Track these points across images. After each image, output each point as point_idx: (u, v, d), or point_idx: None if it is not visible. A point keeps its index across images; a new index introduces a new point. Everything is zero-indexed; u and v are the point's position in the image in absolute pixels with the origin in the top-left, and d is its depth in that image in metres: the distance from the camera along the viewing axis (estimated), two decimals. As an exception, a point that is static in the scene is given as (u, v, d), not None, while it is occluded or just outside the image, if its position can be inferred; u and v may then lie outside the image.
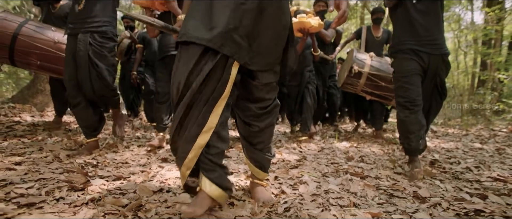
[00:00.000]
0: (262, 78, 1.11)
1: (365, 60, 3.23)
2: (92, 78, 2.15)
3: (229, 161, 2.10)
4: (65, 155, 2.05)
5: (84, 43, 2.13)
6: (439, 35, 2.02)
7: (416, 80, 1.98)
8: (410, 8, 2.04)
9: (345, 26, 18.33)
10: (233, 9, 0.98)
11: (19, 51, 2.47)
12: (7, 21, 2.46)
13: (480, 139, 3.81)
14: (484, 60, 8.80)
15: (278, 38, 1.11)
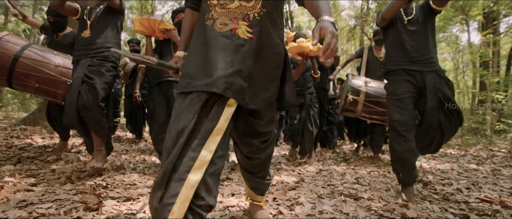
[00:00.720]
0: (263, 115, 1.15)
1: (361, 87, 3.19)
2: (82, 91, 2.12)
3: (231, 183, 2.22)
4: (76, 176, 2.18)
5: (82, 67, 2.20)
6: (431, 54, 2.04)
7: (408, 103, 1.99)
8: (401, 28, 2.10)
9: (345, 47, 18.76)
10: (233, 51, 1.00)
11: (18, 73, 2.47)
12: (10, 44, 2.50)
13: (478, 160, 3.89)
14: (482, 80, 8.95)
15: (272, 77, 1.13)
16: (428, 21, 2.10)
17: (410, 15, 2.13)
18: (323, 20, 0.98)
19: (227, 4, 1.06)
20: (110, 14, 2.40)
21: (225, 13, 1.06)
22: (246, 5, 1.06)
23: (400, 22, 2.13)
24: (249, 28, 1.05)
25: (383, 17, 2.13)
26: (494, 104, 7.38)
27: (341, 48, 18.78)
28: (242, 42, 1.02)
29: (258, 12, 1.06)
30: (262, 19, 1.07)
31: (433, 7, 2.05)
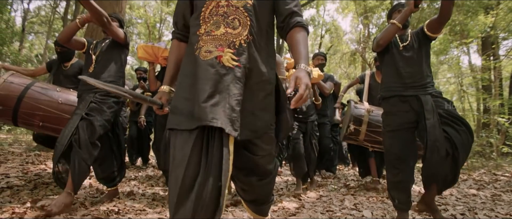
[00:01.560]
0: (258, 149, 1.10)
1: (363, 116, 3.04)
2: (80, 126, 2.10)
3: (235, 210, 2.34)
4: (89, 202, 2.33)
5: (85, 102, 2.20)
6: (426, 80, 2.03)
7: (403, 136, 1.98)
8: (396, 54, 2.11)
9: (348, 71, 19.05)
10: (217, 81, 0.99)
11: (22, 113, 2.48)
12: (14, 85, 2.52)
13: (479, 185, 3.91)
14: (485, 103, 9.02)
15: (262, 106, 1.09)
16: (423, 47, 2.11)
17: (406, 41, 2.15)
18: (299, 69, 1.01)
19: (213, 31, 1.07)
20: (115, 48, 2.44)
21: (211, 40, 1.06)
22: (232, 32, 1.06)
23: (396, 48, 2.14)
24: (235, 56, 1.04)
25: (378, 43, 2.15)
26: (499, 126, 7.40)
27: (344, 71, 19.09)
28: (226, 71, 1.02)
29: (244, 39, 1.07)
30: (249, 46, 1.07)
31: (428, 34, 2.08)
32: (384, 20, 13.05)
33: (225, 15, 1.08)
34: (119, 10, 4.06)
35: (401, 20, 2.04)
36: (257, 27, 1.11)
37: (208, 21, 1.09)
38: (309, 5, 17.43)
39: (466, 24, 8.56)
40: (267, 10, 1.17)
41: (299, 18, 1.15)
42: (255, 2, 1.12)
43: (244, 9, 1.09)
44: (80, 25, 2.27)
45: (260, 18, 1.13)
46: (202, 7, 1.13)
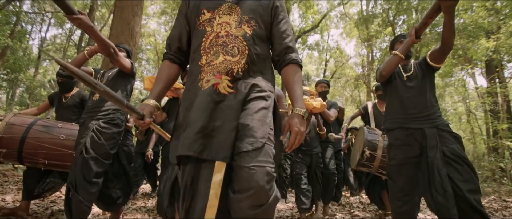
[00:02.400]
0: (251, 161, 0.96)
1: (377, 141, 2.91)
2: (77, 165, 2.08)
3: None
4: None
5: (87, 131, 2.17)
6: (431, 110, 1.98)
7: (407, 170, 1.95)
8: (400, 85, 2.08)
9: (355, 94, 19.12)
10: (212, 110, 1.03)
11: (27, 153, 2.49)
12: (16, 126, 2.53)
13: (488, 212, 3.84)
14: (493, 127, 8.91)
15: (258, 117, 1.04)
16: (427, 77, 2.08)
17: (409, 71, 2.13)
18: (293, 114, 1.08)
19: (213, 61, 1.10)
20: (121, 78, 2.44)
21: (210, 70, 1.09)
22: (231, 60, 1.09)
23: (399, 79, 2.12)
24: (231, 83, 1.07)
25: (381, 74, 2.13)
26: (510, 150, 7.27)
27: (349, 95, 19.18)
28: (222, 98, 1.05)
29: (242, 67, 1.10)
30: (245, 74, 1.10)
31: (431, 64, 2.05)
32: (387, 45, 13.32)
33: (224, 45, 1.11)
34: (133, 44, 4.32)
35: (403, 51, 2.03)
36: (255, 55, 1.14)
37: (209, 52, 1.12)
38: (313, 31, 17.90)
39: (468, 48, 8.67)
40: (264, 39, 1.22)
41: (294, 55, 1.22)
42: (253, 32, 1.16)
43: (243, 38, 1.13)
44: (88, 56, 2.30)
45: (259, 47, 1.17)
46: (202, 37, 1.16)
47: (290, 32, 1.25)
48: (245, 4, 1.19)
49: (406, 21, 12.64)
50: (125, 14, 4.35)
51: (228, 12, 1.17)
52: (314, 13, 17.35)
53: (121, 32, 4.23)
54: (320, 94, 3.63)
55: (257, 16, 1.19)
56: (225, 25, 1.14)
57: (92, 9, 13.20)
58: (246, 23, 1.16)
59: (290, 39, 1.23)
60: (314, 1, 17.06)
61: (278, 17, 1.25)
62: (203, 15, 1.19)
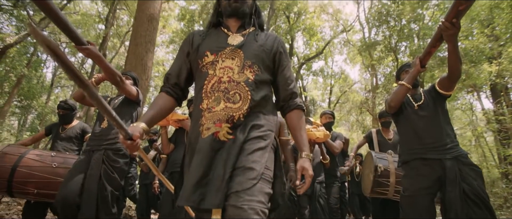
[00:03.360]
0: (243, 201, 0.96)
1: (387, 157, 2.85)
2: (83, 200, 2.12)
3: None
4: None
5: (97, 162, 2.20)
6: (447, 139, 1.90)
7: (420, 202, 1.86)
8: (411, 114, 2.03)
9: (361, 118, 19.09)
10: (211, 158, 1.05)
11: (17, 182, 2.44)
12: (8, 155, 2.52)
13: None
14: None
15: (255, 158, 1.05)
16: (438, 105, 2.03)
17: (419, 100, 2.08)
18: (303, 160, 1.15)
19: (214, 107, 1.10)
20: (127, 105, 2.46)
21: (211, 116, 1.09)
22: (232, 107, 1.09)
23: (410, 108, 2.07)
24: (230, 130, 1.07)
25: (390, 105, 2.09)
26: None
27: (355, 119, 19.16)
28: (221, 145, 1.06)
29: (244, 113, 1.10)
30: (246, 118, 1.11)
31: (441, 92, 2.02)
32: (391, 70, 13.49)
33: (226, 91, 1.11)
34: (146, 78, 4.63)
35: (409, 81, 1.98)
36: (257, 99, 1.14)
37: (210, 97, 1.12)
38: (317, 58, 18.30)
39: (471, 74, 8.76)
40: (267, 84, 1.23)
41: (298, 100, 1.27)
42: (256, 77, 1.17)
43: (245, 84, 1.13)
44: (95, 83, 2.34)
45: (261, 91, 1.18)
46: (204, 80, 1.17)
47: (293, 78, 1.30)
48: (248, 49, 1.21)
49: (409, 46, 12.91)
50: (139, 50, 4.67)
51: (231, 56, 1.18)
52: (318, 40, 17.85)
53: (134, 67, 4.53)
54: (325, 125, 3.54)
55: (260, 61, 1.20)
56: (228, 70, 1.15)
57: (105, 40, 13.82)
58: (248, 68, 1.17)
59: (293, 85, 1.28)
60: (317, 29, 17.62)
61: (282, 64, 1.28)
62: (206, 57, 1.20)
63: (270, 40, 1.29)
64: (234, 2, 1.28)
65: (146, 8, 4.92)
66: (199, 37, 1.29)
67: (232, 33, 1.28)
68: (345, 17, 19.66)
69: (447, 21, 1.46)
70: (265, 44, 1.26)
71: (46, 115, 15.78)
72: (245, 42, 1.23)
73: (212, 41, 1.25)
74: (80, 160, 2.29)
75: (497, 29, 8.07)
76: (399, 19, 12.20)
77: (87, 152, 2.31)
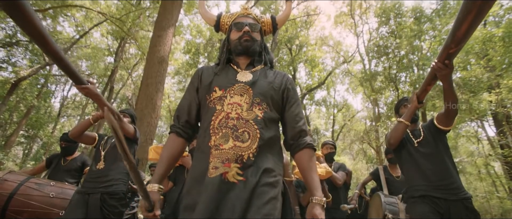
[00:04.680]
0: None
1: (397, 204, 2.65)
2: None
3: None
4: None
5: (95, 208, 2.18)
6: (452, 178, 1.88)
7: None
8: (413, 152, 1.99)
9: (365, 146, 19.00)
10: (219, 201, 0.99)
11: (11, 210, 2.40)
12: (8, 182, 2.48)
13: None
14: (510, 180, 8.63)
15: (265, 211, 1.00)
16: (439, 141, 2.00)
17: (419, 137, 2.06)
18: (314, 204, 1.07)
19: (221, 145, 1.05)
20: None
21: (218, 155, 1.04)
22: (241, 146, 1.05)
23: (410, 145, 2.04)
24: (241, 170, 1.02)
25: (389, 142, 2.07)
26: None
27: (359, 148, 19.07)
28: (230, 186, 1.00)
29: (253, 152, 1.05)
30: (256, 159, 1.05)
31: (439, 127, 2.00)
32: (393, 99, 13.69)
33: (235, 128, 1.08)
34: (155, 116, 4.90)
35: (407, 117, 1.98)
36: (267, 138, 1.11)
37: (218, 133, 1.09)
38: (320, 88, 18.66)
39: (470, 103, 8.89)
40: (275, 121, 1.20)
41: (308, 139, 1.20)
42: (265, 115, 1.14)
43: (254, 122, 1.10)
44: (92, 121, 2.34)
45: (270, 129, 1.14)
46: (212, 115, 1.13)
47: (302, 115, 1.25)
48: (257, 86, 1.19)
49: (409, 76, 13.20)
50: (150, 90, 5.00)
51: (240, 92, 1.16)
52: (319, 71, 18.32)
53: (145, 106, 4.82)
54: (326, 156, 3.44)
55: (269, 99, 1.18)
56: (236, 107, 1.12)
57: (113, 73, 14.34)
58: (257, 106, 1.14)
59: (302, 122, 1.22)
60: (319, 60, 18.16)
61: (291, 100, 1.25)
62: (214, 92, 1.18)
63: (278, 78, 1.28)
64: (245, 42, 1.28)
65: (157, 51, 5.32)
66: (208, 73, 1.28)
67: (241, 70, 1.27)
68: (346, 49, 20.28)
69: (439, 62, 1.45)
70: (274, 81, 1.25)
71: (51, 144, 15.93)
72: (255, 79, 1.21)
73: (221, 77, 1.24)
74: (76, 201, 2.25)
75: (492, 61, 8.32)
76: (398, 51, 12.62)
77: (82, 194, 2.26)
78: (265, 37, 1.45)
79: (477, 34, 8.08)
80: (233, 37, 1.32)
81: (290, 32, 16.60)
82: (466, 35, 1.12)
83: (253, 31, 1.31)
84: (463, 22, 1.05)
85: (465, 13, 1.02)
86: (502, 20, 8.75)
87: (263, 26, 1.41)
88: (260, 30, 1.37)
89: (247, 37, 1.28)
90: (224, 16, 1.41)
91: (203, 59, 17.53)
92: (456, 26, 1.10)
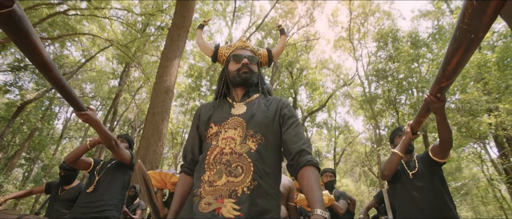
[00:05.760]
0: None
1: None
2: None
3: None
4: None
5: None
6: (449, 211, 1.84)
7: None
8: (408, 184, 1.95)
9: (366, 168, 18.84)
10: None
11: None
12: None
13: None
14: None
15: None
16: (434, 173, 1.96)
17: (414, 168, 2.02)
18: (316, 216, 0.99)
19: (215, 181, 1.04)
20: (120, 170, 2.43)
21: (212, 191, 1.03)
22: (234, 181, 1.03)
23: (405, 177, 2.00)
24: (237, 205, 0.99)
25: (383, 174, 2.03)
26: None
27: (362, 170, 18.90)
28: None
29: (247, 186, 1.02)
30: (252, 193, 1.02)
31: (435, 159, 1.96)
32: (393, 122, 13.76)
33: (228, 164, 1.06)
34: (161, 144, 5.09)
35: (402, 149, 1.95)
36: (262, 170, 1.08)
37: (212, 169, 1.08)
38: (321, 110, 18.83)
39: (471, 126, 8.96)
40: (273, 151, 1.16)
41: (309, 157, 1.11)
42: (259, 147, 1.11)
43: (247, 155, 1.08)
44: (89, 147, 2.33)
45: (266, 161, 1.11)
46: (208, 150, 1.14)
47: (303, 136, 1.19)
48: (251, 118, 1.18)
49: (408, 99, 13.36)
50: (156, 119, 5.17)
51: (233, 126, 1.16)
52: (320, 93, 18.57)
53: (151, 135, 4.97)
54: (326, 184, 3.40)
55: (263, 129, 1.16)
56: (230, 141, 1.12)
57: (117, 96, 14.60)
58: (251, 138, 1.12)
59: (303, 142, 1.15)
60: (319, 83, 18.46)
61: (287, 123, 1.21)
62: (210, 128, 1.20)
63: (273, 105, 1.27)
64: (244, 73, 1.29)
65: (164, 81, 5.55)
66: (206, 110, 1.30)
67: (236, 102, 1.28)
68: (346, 72, 20.64)
69: (431, 95, 1.44)
70: (269, 109, 1.23)
71: (52, 167, 15.89)
72: (248, 111, 1.21)
73: (217, 112, 1.26)
74: None
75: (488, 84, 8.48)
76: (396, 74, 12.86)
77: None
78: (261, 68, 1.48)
79: (472, 59, 8.29)
80: (231, 69, 1.33)
81: (290, 56, 17.04)
82: (457, 69, 1.10)
83: (251, 63, 1.33)
84: (453, 56, 1.04)
85: (455, 48, 1.00)
86: (496, 44, 9.02)
87: (260, 58, 1.44)
88: (257, 62, 1.39)
89: (246, 69, 1.30)
90: (222, 48, 1.44)
91: (206, 82, 17.86)
92: (446, 60, 1.09)
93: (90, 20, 10.66)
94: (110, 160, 2.53)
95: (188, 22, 6.55)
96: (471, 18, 0.86)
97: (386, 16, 16.45)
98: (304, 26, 17.38)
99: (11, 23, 0.92)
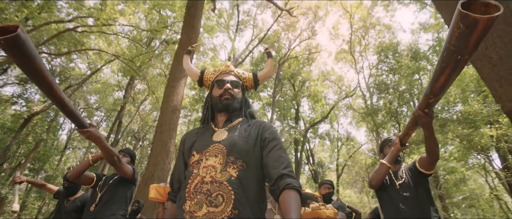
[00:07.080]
0: None
1: None
2: None
3: None
4: None
5: None
6: None
7: None
8: (394, 194, 1.99)
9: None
10: None
11: None
12: None
13: None
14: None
15: None
16: (421, 185, 2.00)
17: (401, 179, 2.06)
18: None
19: (195, 212, 1.02)
20: (122, 185, 2.46)
21: None
22: (214, 211, 1.00)
23: (392, 187, 2.04)
24: None
25: (371, 184, 2.08)
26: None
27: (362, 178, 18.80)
28: None
29: (228, 215, 1.00)
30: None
31: (422, 171, 2.00)
32: (395, 133, 13.80)
33: (208, 193, 1.04)
34: (168, 162, 5.21)
35: (390, 159, 1.98)
36: (243, 197, 1.05)
37: (193, 199, 1.06)
38: (323, 121, 18.92)
39: (472, 139, 8.99)
40: (255, 177, 1.14)
41: (289, 180, 1.07)
42: (240, 174, 1.09)
43: (228, 183, 1.06)
44: (92, 162, 2.33)
45: (247, 188, 1.08)
46: (189, 179, 1.12)
47: (284, 159, 1.15)
48: (231, 144, 1.16)
49: (410, 110, 13.43)
50: (164, 137, 5.31)
51: (214, 153, 1.14)
52: (322, 105, 18.69)
53: (159, 153, 5.13)
54: (324, 196, 3.41)
55: (244, 155, 1.14)
56: (211, 169, 1.10)
57: (122, 108, 14.80)
58: (231, 165, 1.10)
59: (284, 166, 1.11)
60: (321, 94, 18.61)
61: (268, 146, 1.19)
62: (193, 156, 1.19)
63: (254, 129, 1.25)
64: (225, 100, 1.29)
65: (171, 101, 5.71)
66: (190, 137, 1.30)
67: (218, 128, 1.28)
68: (347, 83, 20.80)
69: (420, 110, 1.47)
70: (250, 134, 1.22)
71: (57, 177, 15.97)
72: (229, 137, 1.19)
73: (200, 140, 1.24)
74: None
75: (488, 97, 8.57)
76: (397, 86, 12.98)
77: None
78: (247, 92, 1.48)
79: (471, 72, 8.42)
80: (214, 94, 1.34)
81: (293, 69, 17.26)
82: (444, 87, 1.13)
83: (234, 88, 1.33)
84: (441, 75, 1.06)
85: (443, 67, 1.03)
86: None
87: (245, 82, 1.43)
88: (242, 86, 1.38)
89: (228, 95, 1.30)
90: (206, 72, 1.44)
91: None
92: (434, 78, 1.11)
93: (97, 35, 10.95)
94: (113, 175, 2.56)
95: (194, 42, 6.74)
96: (458, 40, 0.90)
97: (387, 29, 16.70)
98: (306, 39, 17.66)
99: (15, 48, 0.95)
